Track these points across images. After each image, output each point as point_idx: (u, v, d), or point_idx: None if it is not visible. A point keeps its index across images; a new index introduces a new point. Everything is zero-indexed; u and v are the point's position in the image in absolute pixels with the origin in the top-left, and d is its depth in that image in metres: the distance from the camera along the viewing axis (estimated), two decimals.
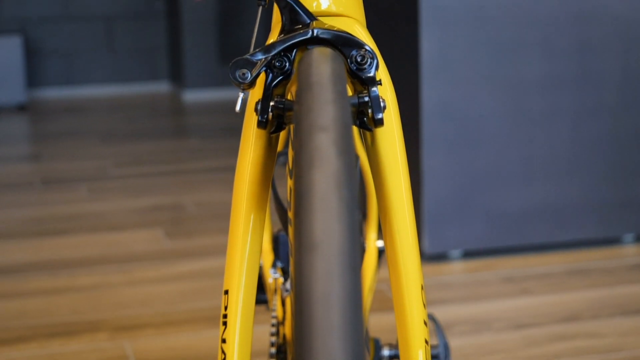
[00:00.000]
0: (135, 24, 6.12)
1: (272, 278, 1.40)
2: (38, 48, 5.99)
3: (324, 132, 0.65)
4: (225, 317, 0.86)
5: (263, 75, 0.83)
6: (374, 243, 1.56)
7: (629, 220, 2.63)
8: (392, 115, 0.87)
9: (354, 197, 0.61)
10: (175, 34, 5.93)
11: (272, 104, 0.82)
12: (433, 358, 1.28)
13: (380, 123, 0.80)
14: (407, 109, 2.48)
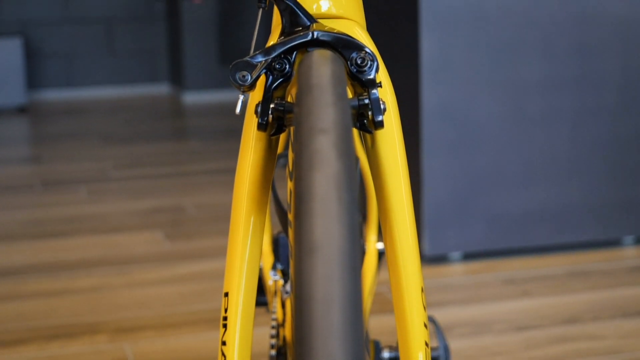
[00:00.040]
0: (135, 26, 6.12)
1: (272, 280, 1.40)
2: (38, 50, 6.00)
3: (324, 134, 0.65)
4: (226, 319, 0.86)
5: (263, 78, 0.83)
6: (374, 245, 1.56)
7: (629, 222, 2.63)
8: (392, 118, 0.87)
9: (354, 199, 0.61)
10: (175, 36, 5.94)
11: (272, 106, 0.82)
12: None
13: (381, 125, 0.80)
14: (407, 111, 2.48)
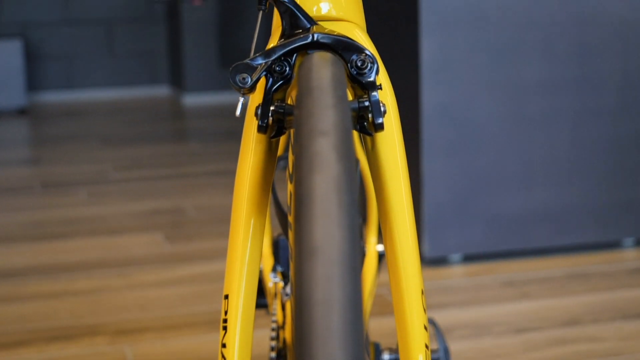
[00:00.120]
0: (135, 28, 6.12)
1: (272, 282, 1.40)
2: (38, 52, 6.00)
3: (324, 136, 0.65)
4: (226, 321, 0.86)
5: (263, 80, 0.83)
6: (374, 247, 1.56)
7: (629, 224, 2.63)
8: (392, 120, 0.87)
9: (354, 201, 0.61)
10: (175, 38, 5.94)
11: (272, 109, 0.82)
12: None
13: (381, 128, 0.80)
14: (407, 113, 2.48)
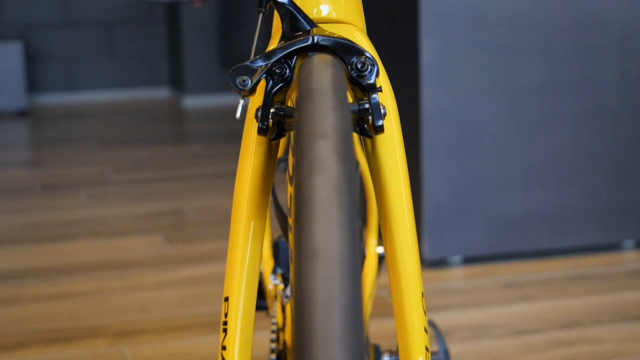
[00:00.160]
0: (135, 29, 6.12)
1: (272, 284, 1.40)
2: (38, 54, 6.00)
3: (325, 139, 0.65)
4: (226, 324, 0.86)
5: (263, 82, 0.83)
6: (374, 249, 1.56)
7: (629, 226, 2.63)
8: (392, 122, 0.87)
9: (354, 204, 0.61)
10: (176, 40, 5.94)
11: (272, 111, 0.82)
12: None
13: (381, 130, 0.80)
14: (407, 114, 2.48)
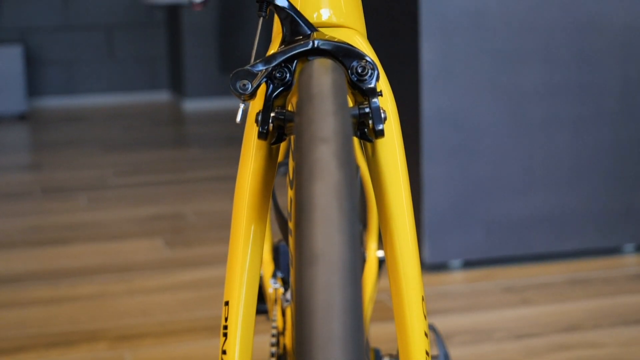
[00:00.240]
0: (136, 33, 6.13)
1: (272, 288, 1.40)
2: (38, 57, 6.00)
3: (325, 143, 0.65)
4: (226, 328, 0.86)
5: (264, 86, 0.83)
6: (375, 253, 1.56)
7: (630, 230, 2.63)
8: (392, 126, 0.87)
9: (355, 208, 0.61)
10: (176, 43, 5.94)
11: (272, 115, 0.82)
12: None
13: (381, 134, 0.80)
14: (407, 118, 2.48)
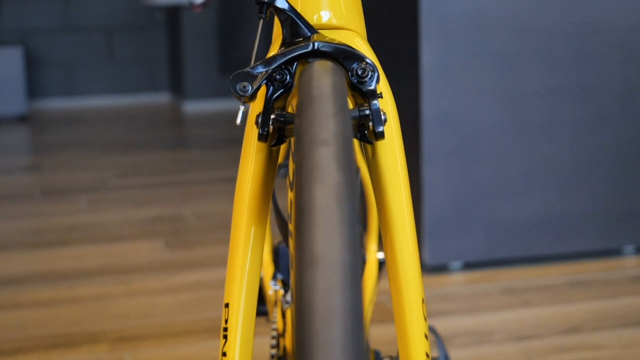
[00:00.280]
0: (136, 35, 6.13)
1: (272, 290, 1.40)
2: (38, 59, 6.00)
3: (325, 146, 0.65)
4: (226, 330, 0.86)
5: (264, 88, 0.83)
6: (375, 255, 1.56)
7: (630, 232, 2.63)
8: (392, 128, 0.87)
9: (355, 210, 0.61)
10: (176, 45, 5.94)
11: (272, 117, 0.82)
12: None
13: (381, 136, 0.80)
14: (407, 120, 2.48)
